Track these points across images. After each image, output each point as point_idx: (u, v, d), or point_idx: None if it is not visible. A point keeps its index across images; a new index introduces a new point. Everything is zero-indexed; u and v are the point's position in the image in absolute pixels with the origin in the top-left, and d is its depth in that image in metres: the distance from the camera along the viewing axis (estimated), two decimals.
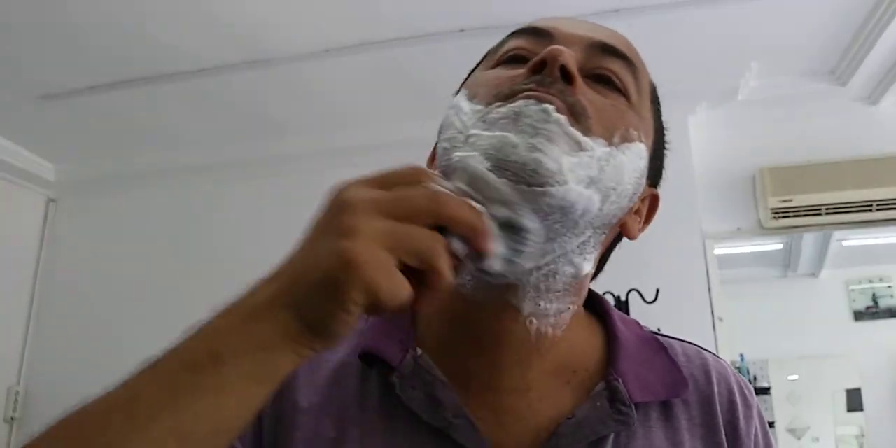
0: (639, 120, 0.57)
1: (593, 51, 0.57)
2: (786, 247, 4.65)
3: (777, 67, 2.63)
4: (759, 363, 4.93)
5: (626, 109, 0.56)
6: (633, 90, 0.57)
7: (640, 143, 0.56)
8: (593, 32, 0.58)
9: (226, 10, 2.22)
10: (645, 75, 0.60)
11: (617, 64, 0.57)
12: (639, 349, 0.62)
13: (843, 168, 2.62)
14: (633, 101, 0.57)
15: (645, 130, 0.58)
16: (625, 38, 0.61)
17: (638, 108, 0.57)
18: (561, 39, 0.57)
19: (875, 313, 5.00)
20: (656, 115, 0.62)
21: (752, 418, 0.62)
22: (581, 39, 0.57)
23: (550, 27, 0.58)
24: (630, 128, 0.55)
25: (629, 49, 0.60)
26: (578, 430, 0.55)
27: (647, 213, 0.63)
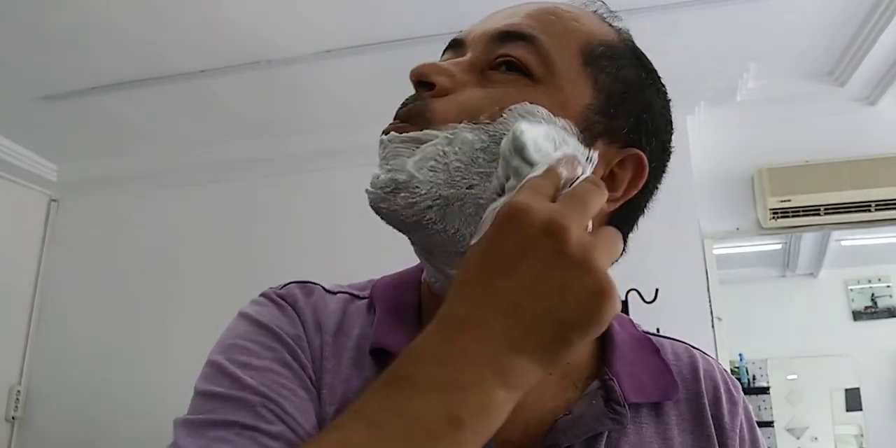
0: (542, 92, 0.57)
1: (492, 43, 0.59)
2: (785, 247, 4.66)
3: (776, 68, 2.63)
4: (758, 363, 4.94)
5: (508, 86, 0.57)
6: (534, 64, 0.57)
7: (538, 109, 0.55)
8: (506, 20, 0.60)
9: (226, 12, 2.22)
10: (561, 43, 0.59)
11: (514, 47, 0.58)
12: (633, 349, 0.63)
13: (842, 168, 2.63)
14: (536, 74, 0.57)
15: (563, 99, 0.57)
16: (544, 9, 0.61)
17: (544, 79, 0.57)
18: (470, 43, 0.60)
19: (874, 313, 5.00)
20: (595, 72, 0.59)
21: (738, 414, 0.63)
22: (484, 35, 0.60)
23: (466, 34, 0.62)
24: (513, 103, 0.55)
25: (540, 22, 0.59)
26: (575, 426, 0.56)
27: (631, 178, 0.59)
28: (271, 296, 0.62)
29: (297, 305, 0.61)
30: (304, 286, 0.64)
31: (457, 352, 0.41)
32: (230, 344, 0.56)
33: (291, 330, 0.58)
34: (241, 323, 0.59)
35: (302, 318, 0.60)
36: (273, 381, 0.53)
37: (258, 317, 0.59)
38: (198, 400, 0.53)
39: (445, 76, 0.58)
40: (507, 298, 0.42)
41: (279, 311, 0.60)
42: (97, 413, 2.91)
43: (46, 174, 3.24)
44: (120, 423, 2.88)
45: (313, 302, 0.62)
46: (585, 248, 0.42)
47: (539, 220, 0.42)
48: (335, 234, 2.89)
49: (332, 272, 0.71)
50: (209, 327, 0.63)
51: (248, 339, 0.57)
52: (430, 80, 0.58)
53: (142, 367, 2.92)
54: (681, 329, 1.08)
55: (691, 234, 2.54)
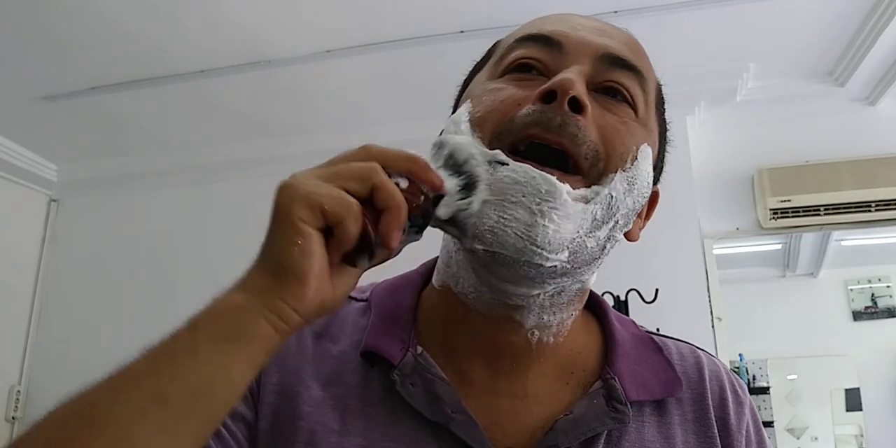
0: (646, 131, 0.57)
1: (602, 63, 0.56)
2: (785, 247, 4.65)
3: (775, 68, 2.63)
4: (758, 363, 4.93)
5: (634, 125, 0.56)
6: (641, 101, 0.57)
7: (650, 151, 0.57)
8: (603, 38, 0.58)
9: (227, 12, 2.22)
10: (651, 79, 0.60)
11: (626, 76, 0.56)
12: (635, 348, 0.63)
13: (842, 168, 2.63)
14: (641, 112, 0.57)
15: (652, 138, 0.58)
16: (632, 39, 0.61)
17: (645, 119, 0.57)
18: (571, 49, 0.56)
19: (874, 313, 5.00)
20: (660, 115, 0.62)
21: (744, 415, 0.63)
22: (590, 50, 0.56)
23: (560, 35, 0.57)
24: (639, 145, 0.55)
25: (637, 54, 0.59)
26: (576, 426, 0.56)
27: (647, 211, 0.63)
28: None
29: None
30: None
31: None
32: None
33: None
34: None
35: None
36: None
37: None
38: None
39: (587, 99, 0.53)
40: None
41: None
42: None
43: (46, 174, 3.24)
44: None
45: None
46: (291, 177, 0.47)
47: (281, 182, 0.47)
48: None
49: None
50: None
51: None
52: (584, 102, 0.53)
53: None
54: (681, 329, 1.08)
55: (691, 234, 2.54)
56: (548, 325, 0.57)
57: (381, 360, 0.57)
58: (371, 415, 0.56)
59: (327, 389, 0.57)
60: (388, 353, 0.57)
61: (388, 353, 0.57)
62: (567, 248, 0.51)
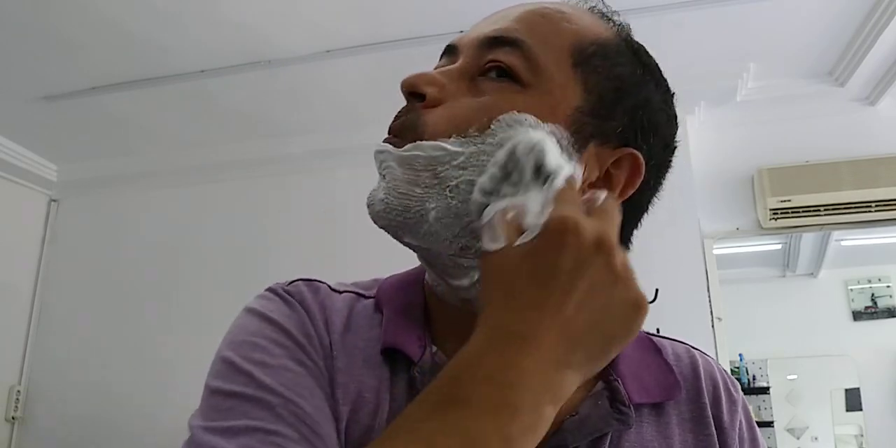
0: (531, 96, 0.56)
1: (481, 48, 0.59)
2: (785, 247, 4.65)
3: (775, 68, 2.63)
4: (758, 363, 4.93)
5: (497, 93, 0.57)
6: (522, 69, 0.57)
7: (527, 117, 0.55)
8: (493, 24, 0.60)
9: (227, 12, 2.22)
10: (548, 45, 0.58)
11: (502, 52, 0.57)
12: (636, 350, 0.64)
13: (842, 168, 2.63)
14: (526, 80, 0.57)
15: (552, 102, 0.57)
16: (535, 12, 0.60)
17: (532, 83, 0.57)
18: (462, 49, 0.60)
19: (874, 313, 5.00)
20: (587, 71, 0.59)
21: (737, 412, 0.64)
22: (474, 41, 0.60)
23: (458, 39, 0.62)
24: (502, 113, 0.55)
25: (528, 25, 0.59)
26: (582, 426, 0.56)
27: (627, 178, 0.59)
28: (278, 291, 0.61)
29: (306, 303, 0.60)
30: (311, 284, 0.63)
31: (512, 372, 0.43)
32: (242, 340, 0.56)
33: (302, 328, 0.58)
34: (251, 319, 0.58)
35: (311, 315, 0.59)
36: (289, 379, 0.52)
37: (268, 313, 0.58)
38: (213, 398, 0.52)
39: (435, 86, 0.58)
40: (562, 315, 0.44)
41: (288, 307, 0.60)
42: (97, 413, 2.91)
43: (46, 174, 3.24)
44: (120, 422, 2.88)
45: (320, 300, 0.62)
46: (626, 264, 0.45)
47: (591, 236, 0.44)
48: (335, 234, 2.89)
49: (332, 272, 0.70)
50: (209, 327, 0.63)
51: (260, 335, 0.56)
52: (420, 90, 0.58)
53: (142, 367, 2.92)
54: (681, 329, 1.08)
55: (691, 234, 2.54)
56: None
57: (402, 356, 0.58)
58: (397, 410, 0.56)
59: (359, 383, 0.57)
60: (409, 350, 0.58)
61: (409, 350, 0.58)
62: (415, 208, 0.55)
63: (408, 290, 0.64)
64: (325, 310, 0.61)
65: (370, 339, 0.60)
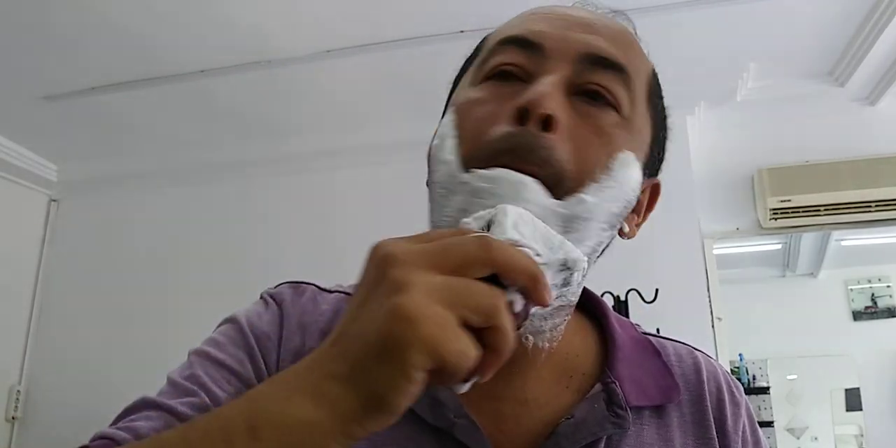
0: (629, 132, 0.56)
1: (584, 64, 0.55)
2: (785, 247, 4.66)
3: (775, 68, 2.63)
4: (758, 363, 4.94)
5: (612, 131, 0.55)
6: (626, 101, 0.55)
7: (630, 156, 0.55)
8: (586, 34, 0.56)
9: (227, 12, 2.22)
10: (640, 72, 0.58)
11: (608, 77, 0.55)
12: (634, 352, 0.63)
13: (842, 168, 2.63)
14: (625, 112, 0.55)
15: (639, 138, 0.57)
16: (621, 30, 0.59)
17: (630, 118, 0.56)
18: (551, 51, 0.55)
19: (874, 313, 5.00)
20: (654, 106, 0.60)
21: (741, 416, 0.63)
22: (571, 50, 0.55)
23: (540, 36, 0.57)
24: (618, 151, 0.54)
25: (624, 47, 0.58)
26: (577, 430, 0.55)
27: (647, 203, 0.62)
28: (263, 295, 0.63)
29: (284, 305, 0.61)
30: (297, 286, 0.64)
31: (284, 376, 0.40)
32: (210, 336, 0.59)
33: (263, 328, 0.59)
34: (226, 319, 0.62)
35: (284, 316, 0.60)
36: (221, 376, 0.55)
37: (238, 315, 0.61)
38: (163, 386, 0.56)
39: (560, 112, 0.52)
40: (338, 329, 0.40)
41: (264, 309, 0.61)
42: (97, 413, 2.90)
43: (46, 174, 3.24)
44: None
45: (302, 302, 0.62)
46: (407, 274, 0.38)
47: (379, 253, 0.40)
48: (335, 234, 2.89)
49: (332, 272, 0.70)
50: (209, 327, 0.63)
51: (223, 333, 0.59)
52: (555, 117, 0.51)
53: (142, 367, 2.92)
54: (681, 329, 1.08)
55: (691, 234, 2.54)
56: (540, 331, 0.56)
57: None
58: None
59: None
60: None
61: None
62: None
63: None
64: (304, 313, 0.61)
65: None
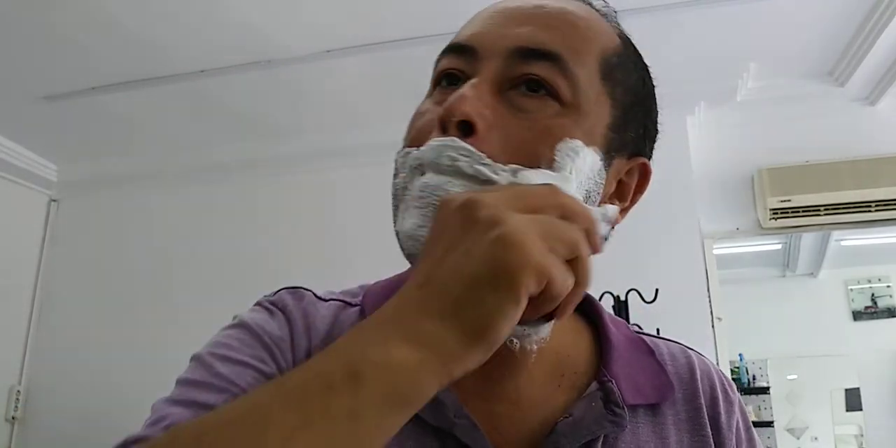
0: (574, 118, 0.55)
1: (513, 59, 0.54)
2: (785, 247, 4.66)
3: (776, 68, 2.64)
4: (758, 363, 4.94)
5: (552, 119, 0.54)
6: (564, 88, 0.54)
7: (576, 143, 0.54)
8: (518, 27, 0.56)
9: (227, 12, 2.22)
10: (585, 55, 0.56)
11: (540, 66, 0.54)
12: (628, 351, 0.63)
13: (842, 168, 2.63)
14: (566, 98, 0.54)
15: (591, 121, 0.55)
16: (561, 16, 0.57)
17: (574, 102, 0.55)
18: (483, 52, 0.55)
19: (874, 313, 5.01)
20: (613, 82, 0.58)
21: (734, 413, 0.63)
22: (500, 48, 0.55)
23: (474, 39, 0.56)
24: (559, 140, 0.53)
25: (562, 33, 0.56)
26: (575, 428, 0.56)
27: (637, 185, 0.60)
28: (263, 304, 0.62)
29: (287, 310, 0.61)
30: (295, 292, 0.63)
31: (371, 321, 0.42)
32: (214, 341, 0.58)
33: (276, 332, 0.58)
34: (230, 326, 0.60)
35: (291, 321, 0.60)
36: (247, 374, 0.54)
37: (245, 320, 0.59)
38: (176, 388, 0.54)
39: (484, 117, 0.52)
40: (423, 273, 0.42)
41: (269, 315, 0.60)
42: (97, 413, 2.91)
43: (46, 174, 3.24)
44: (120, 422, 2.87)
45: (304, 307, 0.61)
46: (500, 213, 0.41)
47: (458, 201, 0.43)
48: (335, 234, 2.89)
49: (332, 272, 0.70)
50: (209, 327, 0.63)
51: (232, 337, 0.58)
52: (473, 121, 0.51)
53: (142, 367, 2.92)
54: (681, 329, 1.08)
55: (691, 234, 2.54)
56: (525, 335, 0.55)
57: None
58: None
59: None
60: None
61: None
62: None
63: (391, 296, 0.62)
64: (307, 316, 0.60)
65: None
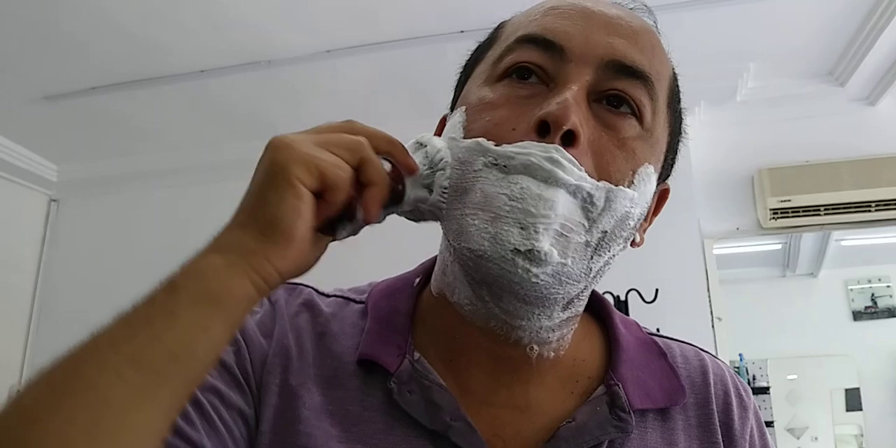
0: (650, 143, 0.54)
1: (607, 71, 0.53)
2: (785, 247, 4.65)
3: (776, 68, 2.63)
4: (758, 363, 4.93)
5: (634, 142, 0.53)
6: (648, 110, 0.54)
7: (650, 169, 0.54)
8: (611, 36, 0.54)
9: (226, 12, 2.22)
10: (663, 77, 0.56)
11: (632, 84, 0.53)
12: (639, 353, 0.62)
13: (842, 168, 2.63)
14: (647, 122, 0.54)
15: (658, 148, 0.56)
16: (645, 31, 0.57)
17: (651, 128, 0.54)
18: (573, 55, 0.53)
19: (874, 313, 5.00)
20: (673, 112, 0.58)
21: (748, 419, 0.61)
22: (594, 55, 0.53)
23: (562, 37, 0.54)
24: (640, 165, 0.53)
25: (649, 51, 0.55)
26: (578, 434, 0.54)
27: (654, 208, 0.61)
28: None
29: (277, 304, 0.61)
30: (293, 288, 0.63)
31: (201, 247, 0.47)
32: None
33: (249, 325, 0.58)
34: None
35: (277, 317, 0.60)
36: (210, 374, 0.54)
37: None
38: None
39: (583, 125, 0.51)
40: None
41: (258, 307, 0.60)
42: None
43: (46, 174, 3.24)
44: None
45: (297, 304, 0.61)
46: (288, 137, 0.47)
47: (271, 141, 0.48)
48: None
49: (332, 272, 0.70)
50: None
51: None
52: (576, 132, 0.50)
53: None
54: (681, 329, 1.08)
55: (691, 234, 2.54)
56: (547, 342, 0.56)
57: (378, 367, 0.56)
58: (370, 421, 0.55)
59: (327, 393, 0.56)
60: (385, 361, 0.56)
61: (385, 361, 0.56)
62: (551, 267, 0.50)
63: (396, 298, 0.62)
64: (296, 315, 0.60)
65: (350, 346, 0.59)
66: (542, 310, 0.53)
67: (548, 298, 0.52)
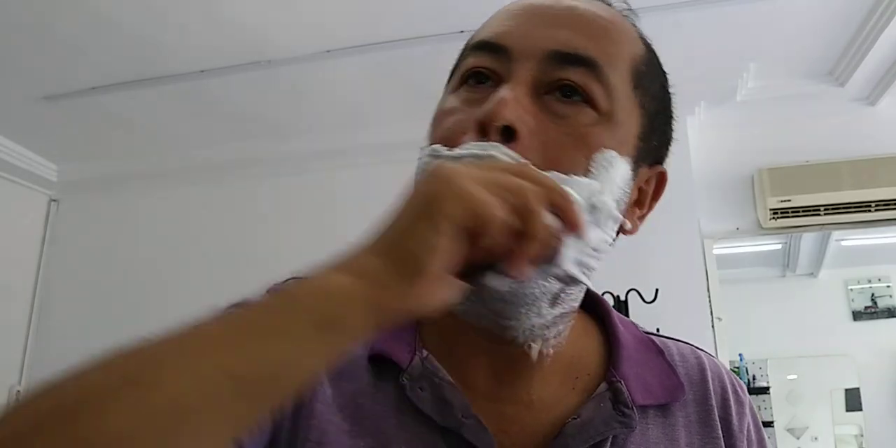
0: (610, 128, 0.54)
1: (550, 63, 0.54)
2: (785, 247, 4.65)
3: (776, 68, 2.63)
4: (758, 363, 4.93)
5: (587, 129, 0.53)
6: (601, 96, 0.54)
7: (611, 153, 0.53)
8: (554, 28, 0.55)
9: (227, 12, 2.22)
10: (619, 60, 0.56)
11: (577, 72, 0.53)
12: (638, 351, 0.63)
13: (842, 168, 2.63)
14: (602, 107, 0.54)
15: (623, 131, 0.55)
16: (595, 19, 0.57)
17: (609, 111, 0.54)
18: (516, 53, 0.54)
19: (874, 313, 5.00)
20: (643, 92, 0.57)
21: (745, 415, 0.63)
22: (536, 50, 0.54)
23: (506, 38, 0.55)
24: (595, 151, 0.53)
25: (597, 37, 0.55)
26: (584, 430, 0.55)
27: (653, 193, 0.60)
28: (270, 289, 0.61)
29: None
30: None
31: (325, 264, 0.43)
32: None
33: None
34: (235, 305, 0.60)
35: None
36: None
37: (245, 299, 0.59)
38: None
39: (525, 122, 0.51)
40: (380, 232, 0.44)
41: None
42: None
43: (46, 174, 3.24)
44: None
45: None
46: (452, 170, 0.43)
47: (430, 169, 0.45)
48: (335, 235, 2.88)
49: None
50: None
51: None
52: (515, 127, 0.51)
53: None
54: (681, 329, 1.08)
55: (691, 234, 2.54)
56: (544, 339, 0.56)
57: (390, 363, 0.57)
58: (382, 416, 0.55)
59: (338, 387, 0.56)
60: (397, 357, 0.56)
61: (397, 357, 0.56)
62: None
63: None
64: None
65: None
66: (528, 308, 0.53)
67: (527, 296, 0.52)
